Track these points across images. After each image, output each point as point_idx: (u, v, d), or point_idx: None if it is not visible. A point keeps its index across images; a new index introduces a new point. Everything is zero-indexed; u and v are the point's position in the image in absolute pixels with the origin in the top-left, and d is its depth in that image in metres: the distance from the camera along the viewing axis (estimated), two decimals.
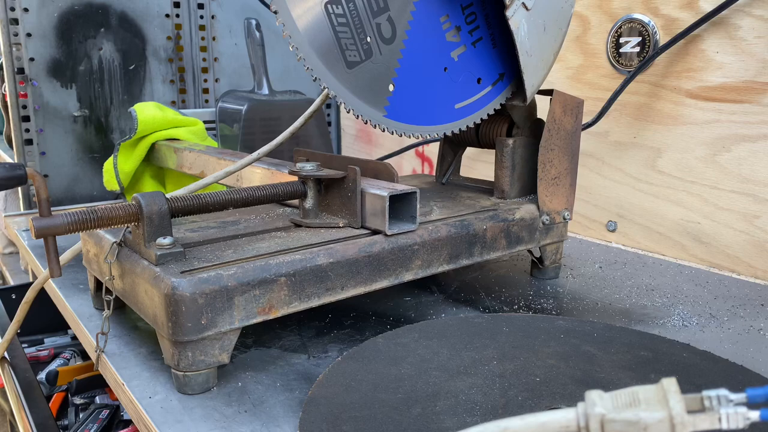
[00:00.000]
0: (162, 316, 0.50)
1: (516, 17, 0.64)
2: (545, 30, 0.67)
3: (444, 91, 0.66)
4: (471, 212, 0.70)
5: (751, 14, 0.79)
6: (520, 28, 0.65)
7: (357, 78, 0.59)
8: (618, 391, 0.29)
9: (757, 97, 0.79)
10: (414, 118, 0.64)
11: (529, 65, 0.68)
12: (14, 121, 1.24)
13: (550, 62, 0.70)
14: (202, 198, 0.59)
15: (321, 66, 0.57)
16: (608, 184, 0.98)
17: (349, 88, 0.59)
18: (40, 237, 0.50)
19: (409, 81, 0.63)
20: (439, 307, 0.69)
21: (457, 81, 0.66)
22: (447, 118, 0.67)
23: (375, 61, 0.60)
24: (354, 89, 0.59)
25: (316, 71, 0.57)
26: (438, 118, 0.66)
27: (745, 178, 0.81)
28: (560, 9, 0.69)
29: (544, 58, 0.69)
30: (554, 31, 0.69)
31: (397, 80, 0.62)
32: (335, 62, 0.58)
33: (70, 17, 1.26)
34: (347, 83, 0.59)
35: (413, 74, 0.63)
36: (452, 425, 0.43)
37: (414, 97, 0.64)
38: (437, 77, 0.65)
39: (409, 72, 0.63)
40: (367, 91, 0.60)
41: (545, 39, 0.68)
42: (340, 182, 0.62)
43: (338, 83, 0.58)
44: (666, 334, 0.61)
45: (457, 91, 0.67)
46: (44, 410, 0.83)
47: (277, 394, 0.51)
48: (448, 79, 0.66)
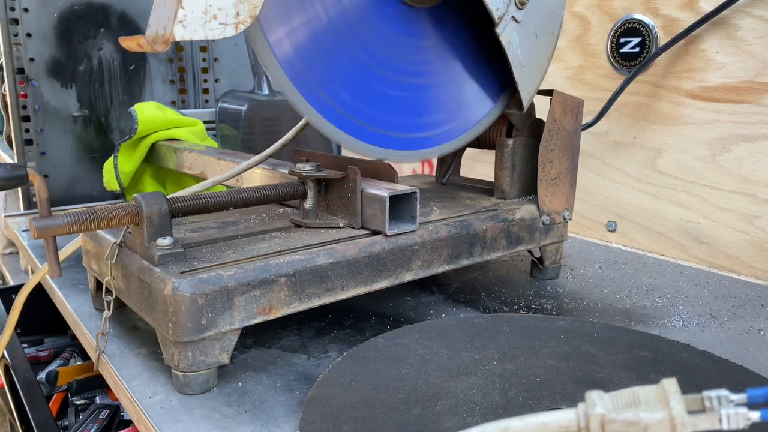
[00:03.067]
0: (162, 317, 0.50)
1: (506, 32, 0.64)
2: (537, 37, 0.67)
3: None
4: (471, 212, 0.70)
5: (751, 14, 0.79)
6: (512, 42, 0.64)
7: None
8: (618, 392, 0.29)
9: (757, 97, 0.79)
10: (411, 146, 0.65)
11: (524, 76, 0.67)
12: (14, 121, 1.24)
13: (544, 67, 0.70)
14: (202, 198, 0.59)
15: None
16: (608, 184, 0.98)
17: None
18: (40, 237, 0.50)
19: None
20: (439, 307, 0.69)
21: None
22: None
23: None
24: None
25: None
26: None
27: (745, 178, 0.81)
28: (551, 13, 0.68)
29: (539, 65, 0.69)
30: (546, 37, 0.68)
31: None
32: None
33: (70, 17, 1.26)
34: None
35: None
36: (452, 425, 0.43)
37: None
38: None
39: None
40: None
41: (538, 46, 0.68)
42: (340, 182, 0.62)
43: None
44: (666, 334, 0.61)
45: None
46: (44, 410, 0.83)
47: (277, 395, 0.51)
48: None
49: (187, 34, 0.45)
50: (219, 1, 0.46)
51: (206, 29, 0.45)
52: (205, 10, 0.45)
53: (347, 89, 0.58)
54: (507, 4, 0.62)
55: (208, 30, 0.46)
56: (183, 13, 0.44)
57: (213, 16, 0.46)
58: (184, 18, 0.44)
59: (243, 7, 0.47)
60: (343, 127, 0.59)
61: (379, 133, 0.61)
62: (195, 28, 0.45)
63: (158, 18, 0.46)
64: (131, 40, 0.47)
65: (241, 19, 0.47)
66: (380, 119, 0.61)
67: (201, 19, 0.45)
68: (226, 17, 0.46)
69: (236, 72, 1.49)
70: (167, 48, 0.46)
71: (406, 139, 0.64)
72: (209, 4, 0.45)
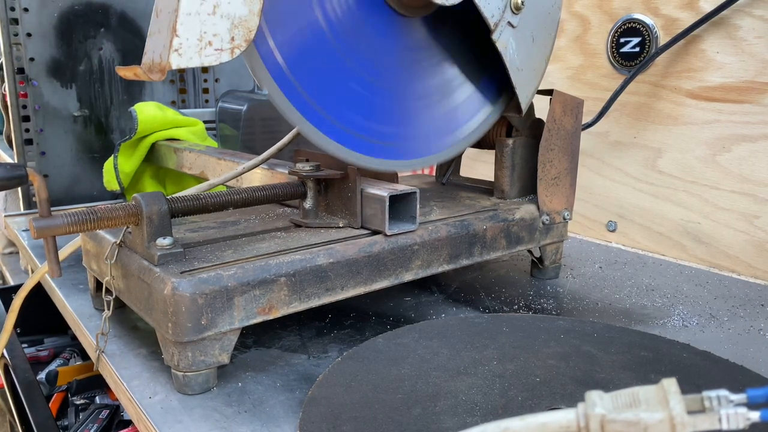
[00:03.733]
0: (162, 317, 0.50)
1: (503, 38, 0.63)
2: (534, 41, 0.66)
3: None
4: (471, 212, 0.70)
5: (751, 14, 0.79)
6: (508, 47, 0.64)
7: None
8: (618, 392, 0.29)
9: (757, 97, 0.79)
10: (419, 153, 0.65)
11: (521, 80, 0.67)
12: (14, 121, 1.24)
13: (542, 69, 0.69)
14: (202, 198, 0.59)
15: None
16: (608, 184, 0.98)
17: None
18: (40, 237, 0.50)
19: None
20: (439, 307, 0.69)
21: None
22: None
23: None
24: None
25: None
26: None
27: (745, 178, 0.81)
28: (547, 15, 0.68)
29: (536, 68, 0.69)
30: (544, 39, 0.68)
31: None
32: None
33: (70, 17, 1.26)
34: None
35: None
36: (452, 425, 0.43)
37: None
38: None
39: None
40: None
41: (535, 49, 0.67)
42: (340, 182, 0.62)
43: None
44: (666, 334, 0.61)
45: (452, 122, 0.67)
46: (44, 410, 0.83)
47: (277, 395, 0.51)
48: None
49: (183, 62, 0.44)
50: (214, 27, 0.45)
51: (202, 56, 0.45)
52: (200, 37, 0.45)
53: (347, 105, 0.58)
54: (502, 10, 0.62)
55: (204, 57, 0.45)
56: (178, 41, 0.44)
57: (208, 43, 0.45)
58: (179, 46, 0.44)
59: (238, 32, 0.47)
60: (345, 143, 0.58)
61: (380, 145, 0.61)
62: (191, 55, 0.45)
63: (154, 45, 0.46)
64: (128, 70, 0.47)
65: (237, 44, 0.47)
66: (378, 131, 0.61)
67: (196, 47, 0.45)
68: (222, 43, 0.46)
69: (236, 72, 1.49)
70: (164, 77, 0.45)
71: (405, 147, 0.64)
72: (204, 31, 0.45)
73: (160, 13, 0.46)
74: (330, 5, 0.54)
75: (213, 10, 0.45)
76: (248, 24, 0.47)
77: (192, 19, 0.44)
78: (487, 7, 0.61)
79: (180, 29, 0.44)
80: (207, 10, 0.45)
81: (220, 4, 0.45)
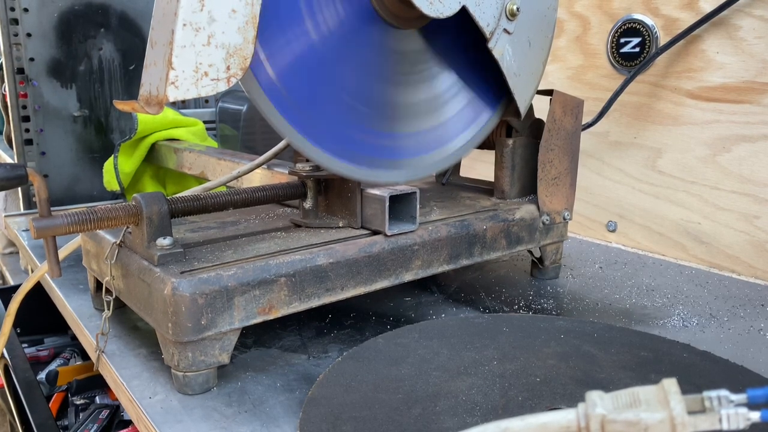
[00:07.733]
0: (162, 317, 0.50)
1: (499, 45, 0.62)
2: (531, 45, 0.66)
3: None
4: (471, 212, 0.70)
5: (751, 14, 0.79)
6: (505, 54, 0.63)
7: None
8: (618, 392, 0.29)
9: (757, 97, 0.79)
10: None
11: (519, 85, 0.66)
12: (14, 121, 1.24)
13: (540, 72, 0.69)
14: (202, 198, 0.59)
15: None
16: (608, 184, 0.98)
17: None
18: (40, 237, 0.50)
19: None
20: (439, 307, 0.69)
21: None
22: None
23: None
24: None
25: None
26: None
27: (745, 179, 0.81)
28: (543, 17, 0.67)
29: (534, 72, 0.68)
30: (540, 42, 0.68)
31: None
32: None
33: (70, 17, 1.26)
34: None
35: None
36: (452, 426, 0.43)
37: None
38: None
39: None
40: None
41: (532, 54, 0.67)
42: (339, 182, 0.62)
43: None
44: (666, 334, 0.61)
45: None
46: (44, 410, 0.83)
47: (277, 395, 0.51)
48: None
49: (180, 95, 0.44)
50: (209, 58, 0.45)
51: (198, 87, 0.45)
52: (195, 69, 0.45)
53: (338, 117, 0.57)
54: (497, 18, 0.61)
55: (200, 88, 0.45)
56: (174, 74, 0.44)
57: (204, 74, 0.45)
58: (175, 79, 0.44)
59: (233, 61, 0.46)
60: (335, 155, 0.57)
61: (371, 157, 0.60)
62: (187, 87, 0.44)
63: (150, 78, 0.46)
64: (126, 105, 0.47)
65: (233, 73, 0.46)
66: (370, 143, 0.60)
67: (193, 78, 0.45)
68: (218, 73, 0.46)
69: None
70: (162, 110, 0.45)
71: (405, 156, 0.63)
72: (200, 62, 0.45)
73: (155, 45, 0.45)
74: (321, 17, 0.54)
75: (208, 41, 0.45)
76: (243, 52, 0.47)
77: (187, 51, 0.44)
78: (482, 16, 0.60)
79: (175, 62, 0.44)
80: (202, 41, 0.45)
81: (214, 34, 0.45)
